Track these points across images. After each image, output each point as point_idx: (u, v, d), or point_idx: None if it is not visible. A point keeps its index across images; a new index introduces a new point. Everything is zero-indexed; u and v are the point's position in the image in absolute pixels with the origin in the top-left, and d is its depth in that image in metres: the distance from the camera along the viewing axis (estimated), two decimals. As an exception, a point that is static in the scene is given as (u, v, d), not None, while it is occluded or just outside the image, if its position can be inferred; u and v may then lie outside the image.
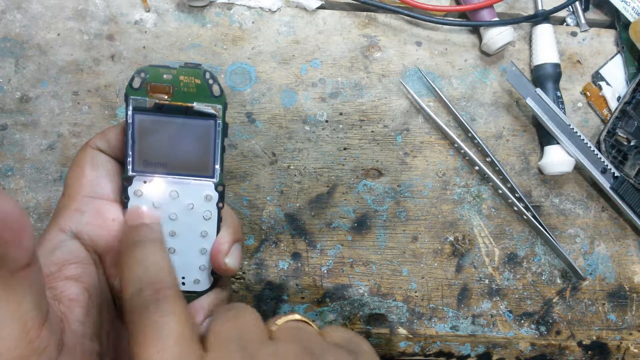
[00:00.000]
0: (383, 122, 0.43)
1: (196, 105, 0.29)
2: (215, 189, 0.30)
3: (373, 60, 0.44)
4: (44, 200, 0.40)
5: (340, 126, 0.43)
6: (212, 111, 0.29)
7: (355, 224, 0.42)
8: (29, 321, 0.21)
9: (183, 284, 0.31)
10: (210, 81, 0.29)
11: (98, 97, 0.41)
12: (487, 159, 0.43)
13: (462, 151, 0.43)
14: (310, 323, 0.29)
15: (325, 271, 0.42)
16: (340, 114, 0.43)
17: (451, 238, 0.43)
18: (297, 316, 0.29)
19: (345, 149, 0.43)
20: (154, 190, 0.30)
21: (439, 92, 0.43)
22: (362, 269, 0.42)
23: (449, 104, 0.43)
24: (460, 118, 0.43)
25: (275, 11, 0.43)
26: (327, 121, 0.43)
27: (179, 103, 0.29)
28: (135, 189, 0.29)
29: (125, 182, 0.29)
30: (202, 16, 0.42)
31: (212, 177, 0.30)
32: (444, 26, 0.44)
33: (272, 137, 0.42)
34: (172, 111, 0.29)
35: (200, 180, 0.30)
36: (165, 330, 0.23)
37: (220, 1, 0.43)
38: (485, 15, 0.43)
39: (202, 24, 0.42)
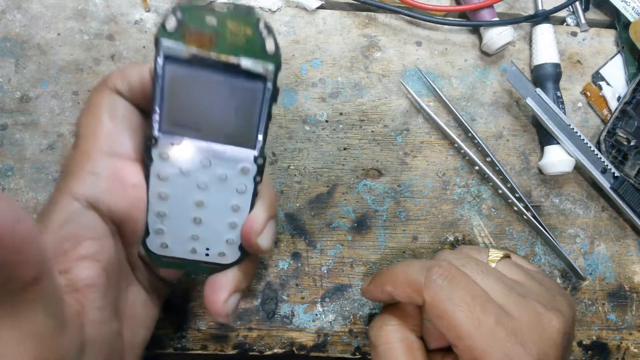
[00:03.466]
0: (383, 122, 0.43)
1: (243, 62, 0.24)
2: (255, 161, 0.26)
3: (373, 60, 0.44)
4: (44, 200, 0.40)
5: (340, 126, 0.43)
6: (262, 71, 0.24)
7: (355, 224, 0.42)
8: (44, 334, 0.20)
9: (207, 254, 0.28)
10: (265, 32, 0.23)
11: (98, 97, 0.41)
12: (487, 159, 0.43)
13: (462, 151, 0.43)
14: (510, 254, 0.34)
15: (325, 271, 0.42)
16: (340, 114, 0.43)
17: (451, 238, 0.43)
18: (500, 253, 0.34)
19: (345, 149, 0.43)
20: (182, 155, 0.25)
21: (439, 92, 0.43)
22: (362, 269, 0.42)
23: (449, 104, 0.43)
24: (460, 118, 0.43)
25: (275, 11, 0.43)
26: (327, 121, 0.43)
27: (223, 57, 0.23)
28: (161, 151, 0.25)
29: (149, 141, 0.25)
30: (202, 16, 0.42)
31: (253, 148, 0.26)
32: (444, 26, 0.44)
33: (272, 137, 0.42)
34: (213, 66, 0.24)
35: (239, 149, 0.26)
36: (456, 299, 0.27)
37: (220, 1, 0.43)
38: (485, 15, 0.43)
39: (202, 24, 0.42)
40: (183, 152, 0.25)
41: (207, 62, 0.23)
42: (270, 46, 0.24)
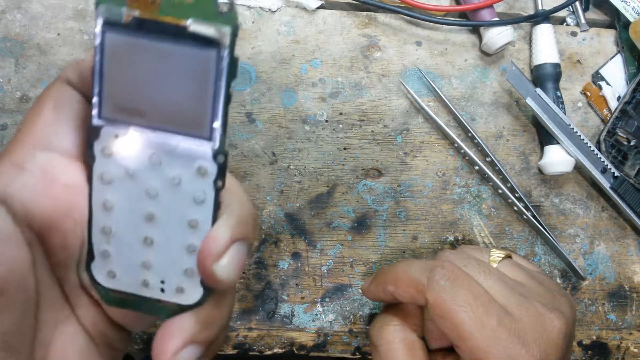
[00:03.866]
0: (383, 122, 0.43)
1: (191, 24, 0.19)
2: (214, 158, 0.20)
3: (373, 60, 0.44)
4: (44, 200, 0.40)
5: (340, 126, 0.43)
6: (215, 35, 0.19)
7: (355, 224, 0.42)
8: None
9: (162, 290, 0.22)
10: None
11: (98, 97, 0.41)
12: (487, 159, 0.43)
13: (462, 151, 0.43)
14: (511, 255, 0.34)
15: (325, 271, 0.42)
16: (340, 113, 0.43)
17: (451, 238, 0.43)
18: (502, 253, 0.34)
19: (345, 148, 0.43)
20: (128, 150, 0.21)
21: (439, 92, 0.43)
22: (362, 268, 0.42)
23: (449, 103, 0.43)
24: (460, 118, 0.43)
25: (275, 11, 0.43)
26: (327, 121, 0.43)
27: (168, 19, 0.19)
28: (104, 145, 0.21)
29: (91, 134, 0.21)
30: (202, 16, 0.42)
31: (209, 139, 0.20)
32: (444, 26, 0.44)
33: (272, 137, 0.42)
34: (159, 31, 0.19)
35: (193, 141, 0.20)
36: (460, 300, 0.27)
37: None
38: (485, 15, 0.43)
39: (202, 23, 0.42)
40: (129, 145, 0.21)
41: (151, 26, 0.19)
42: (223, 4, 0.20)
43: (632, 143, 0.43)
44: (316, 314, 0.42)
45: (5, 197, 0.20)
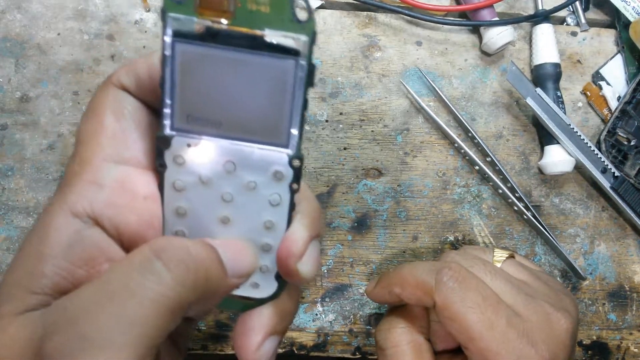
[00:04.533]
0: (383, 121, 0.43)
1: (269, 34, 0.19)
2: (290, 163, 0.21)
3: (373, 60, 0.44)
4: (44, 200, 0.40)
5: (340, 126, 0.43)
6: (294, 45, 0.19)
7: (355, 224, 0.42)
8: None
9: (237, 286, 0.22)
10: (299, 1, 0.19)
11: (98, 97, 0.41)
12: (487, 159, 0.43)
13: (462, 151, 0.43)
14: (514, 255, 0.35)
15: (325, 271, 0.42)
16: (340, 113, 0.43)
17: (451, 238, 0.43)
18: (505, 253, 0.34)
19: (345, 148, 0.43)
20: (201, 158, 0.21)
21: (439, 91, 0.43)
22: (362, 268, 0.42)
23: (449, 103, 0.43)
24: (460, 118, 0.43)
25: (275, 11, 0.43)
26: (327, 121, 0.43)
27: (243, 29, 0.19)
28: (175, 155, 0.21)
29: (160, 143, 0.21)
30: (202, 16, 0.42)
31: (286, 146, 0.21)
32: (444, 26, 0.44)
33: (272, 137, 0.42)
34: (234, 41, 0.19)
35: (269, 149, 0.21)
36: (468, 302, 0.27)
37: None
38: (485, 15, 0.43)
39: (202, 23, 0.42)
40: (201, 154, 0.21)
41: (225, 36, 0.19)
42: (302, 12, 0.19)
43: (632, 143, 0.43)
44: (316, 314, 0.42)
45: (96, 217, 0.21)
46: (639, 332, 0.44)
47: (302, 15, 0.19)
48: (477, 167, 0.43)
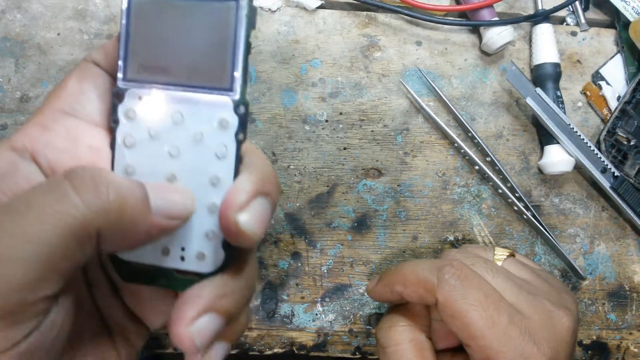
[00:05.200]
0: (383, 121, 0.43)
1: None
2: (235, 110, 0.21)
3: (373, 60, 0.44)
4: (44, 200, 0.40)
5: (340, 126, 0.43)
6: None
7: (355, 224, 0.42)
8: None
9: (182, 258, 0.22)
10: None
11: (98, 97, 0.41)
12: (487, 159, 0.43)
13: (462, 151, 0.43)
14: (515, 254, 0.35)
15: (325, 271, 0.42)
16: (340, 113, 0.43)
17: (451, 238, 0.43)
18: (506, 252, 0.34)
19: (345, 148, 0.43)
20: (151, 111, 0.21)
21: (439, 91, 0.43)
22: (362, 268, 0.42)
23: (449, 103, 0.43)
24: (460, 118, 0.43)
25: (275, 11, 0.43)
26: (327, 121, 0.43)
27: None
28: (128, 108, 0.21)
29: (115, 98, 0.21)
30: (202, 16, 0.42)
31: (230, 89, 0.21)
32: (444, 26, 0.44)
33: (272, 136, 0.42)
34: None
35: (214, 95, 0.21)
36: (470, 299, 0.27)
37: None
38: (485, 15, 0.43)
39: (202, 23, 0.42)
40: (152, 105, 0.21)
41: None
42: None
43: (632, 143, 0.43)
44: (316, 314, 0.42)
45: (34, 153, 0.21)
46: (639, 332, 0.44)
47: None
48: (477, 167, 0.43)
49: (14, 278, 0.17)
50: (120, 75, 0.21)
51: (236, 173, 0.21)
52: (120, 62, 0.21)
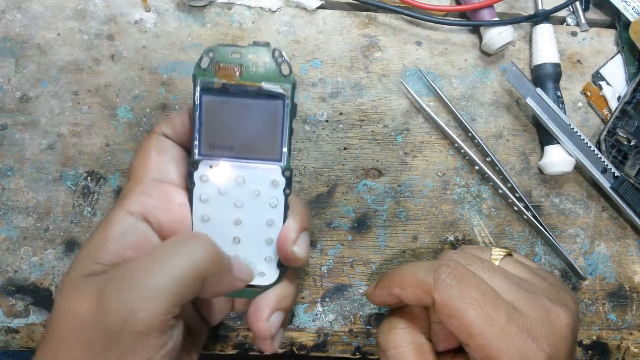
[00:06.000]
0: (383, 121, 0.43)
1: (264, 85, 0.28)
2: (283, 173, 0.29)
3: (373, 60, 0.44)
4: (44, 200, 0.40)
5: (340, 126, 0.43)
6: (281, 91, 0.28)
7: (355, 224, 0.42)
8: None
9: (237, 286, 0.30)
10: (279, 60, 0.28)
11: (98, 97, 0.41)
12: (487, 159, 0.43)
13: (462, 151, 0.43)
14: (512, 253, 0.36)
15: (325, 271, 0.42)
16: (340, 113, 0.43)
17: (451, 238, 0.43)
18: (503, 252, 0.35)
19: (345, 148, 0.43)
20: (219, 176, 0.29)
21: (439, 92, 0.43)
22: (362, 268, 0.42)
23: (449, 103, 0.43)
24: (460, 118, 0.43)
25: (275, 11, 0.43)
26: (327, 121, 0.43)
27: (248, 83, 0.28)
28: (201, 174, 0.29)
29: (191, 166, 0.29)
30: (202, 16, 0.42)
31: (280, 160, 0.29)
32: (444, 26, 0.44)
33: (272, 137, 0.42)
34: (241, 92, 0.28)
35: (267, 164, 0.29)
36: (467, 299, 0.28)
37: (220, 1, 0.43)
38: (485, 15, 0.43)
39: (202, 23, 0.42)
40: (220, 172, 0.29)
41: (236, 89, 0.28)
42: (285, 69, 0.28)
43: (632, 143, 0.43)
44: (316, 314, 0.42)
45: (145, 215, 0.29)
46: (639, 332, 0.44)
47: (285, 71, 0.28)
48: (477, 167, 0.43)
49: (164, 302, 0.25)
50: (195, 151, 0.29)
51: (285, 216, 0.30)
52: (195, 142, 0.29)
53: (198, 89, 0.28)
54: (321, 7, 0.44)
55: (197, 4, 0.42)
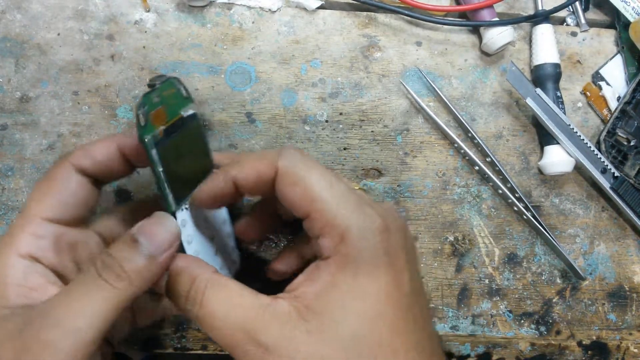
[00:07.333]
0: (383, 122, 0.43)
1: (183, 113, 0.30)
2: (228, 211, 0.35)
3: (373, 60, 0.44)
4: (44, 200, 0.40)
5: (340, 126, 0.43)
6: (195, 110, 0.30)
7: (355, 224, 0.42)
8: None
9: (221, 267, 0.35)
10: (179, 86, 0.30)
11: (98, 97, 0.41)
12: (487, 159, 0.43)
13: (462, 151, 0.43)
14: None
15: (325, 271, 0.42)
16: (340, 114, 0.43)
17: (451, 238, 0.43)
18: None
19: (345, 149, 0.43)
20: (191, 214, 0.31)
21: (439, 92, 0.43)
22: (362, 269, 0.42)
23: (449, 104, 0.43)
24: (460, 118, 0.43)
25: (275, 11, 0.43)
26: (327, 121, 0.43)
27: (175, 119, 0.29)
28: (181, 219, 0.30)
29: (175, 218, 0.30)
30: (202, 16, 0.42)
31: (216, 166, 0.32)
32: (444, 26, 0.44)
33: (272, 137, 0.42)
34: (173, 130, 0.29)
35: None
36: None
37: (220, 1, 0.43)
38: (485, 15, 0.43)
39: (202, 24, 0.42)
40: (191, 212, 0.31)
41: (170, 128, 0.29)
42: (185, 92, 0.30)
43: (632, 143, 0.43)
44: (316, 314, 0.42)
45: (36, 258, 0.29)
46: (638, 332, 0.44)
47: (186, 93, 0.30)
48: (477, 167, 0.43)
49: (84, 338, 0.25)
50: (172, 203, 0.29)
51: (233, 232, 0.36)
52: (169, 197, 0.29)
53: (154, 151, 0.27)
54: (321, 7, 0.44)
55: (197, 4, 0.42)
